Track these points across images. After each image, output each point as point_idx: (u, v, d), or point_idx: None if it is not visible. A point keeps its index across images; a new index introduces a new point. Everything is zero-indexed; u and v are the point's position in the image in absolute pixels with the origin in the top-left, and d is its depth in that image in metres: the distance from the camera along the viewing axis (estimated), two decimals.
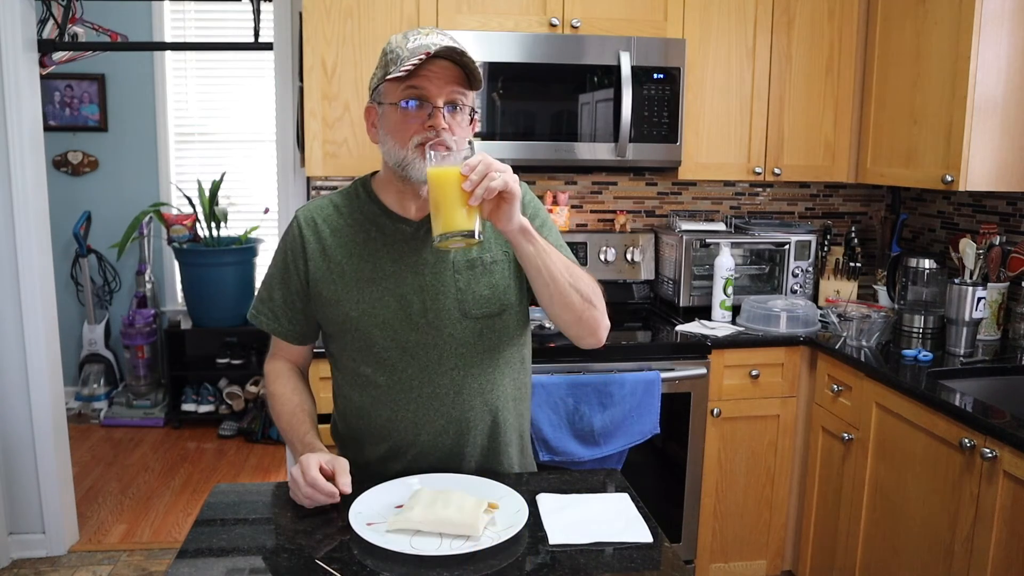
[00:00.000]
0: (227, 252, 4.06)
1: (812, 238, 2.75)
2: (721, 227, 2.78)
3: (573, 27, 2.49)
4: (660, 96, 2.51)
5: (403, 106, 1.27)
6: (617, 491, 1.35)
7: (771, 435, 2.51)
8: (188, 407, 4.21)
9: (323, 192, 2.66)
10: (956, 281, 2.31)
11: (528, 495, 1.28)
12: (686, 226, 2.74)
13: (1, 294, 2.72)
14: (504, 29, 2.46)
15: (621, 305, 2.89)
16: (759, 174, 2.69)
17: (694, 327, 2.55)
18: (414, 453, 1.39)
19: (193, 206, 4.10)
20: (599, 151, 2.50)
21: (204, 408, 4.20)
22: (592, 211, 2.99)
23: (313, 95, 2.42)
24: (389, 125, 1.30)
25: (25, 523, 2.84)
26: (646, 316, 2.79)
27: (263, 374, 1.54)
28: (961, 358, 2.24)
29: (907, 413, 2.01)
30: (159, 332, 4.31)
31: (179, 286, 4.41)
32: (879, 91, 2.60)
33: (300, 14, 2.47)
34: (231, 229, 4.22)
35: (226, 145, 4.47)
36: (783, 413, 2.50)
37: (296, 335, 1.47)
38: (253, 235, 4.27)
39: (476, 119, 1.35)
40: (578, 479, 1.42)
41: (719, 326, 2.56)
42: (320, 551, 1.13)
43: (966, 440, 1.78)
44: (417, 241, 1.37)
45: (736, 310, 2.62)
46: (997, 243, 2.41)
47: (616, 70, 2.45)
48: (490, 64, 2.39)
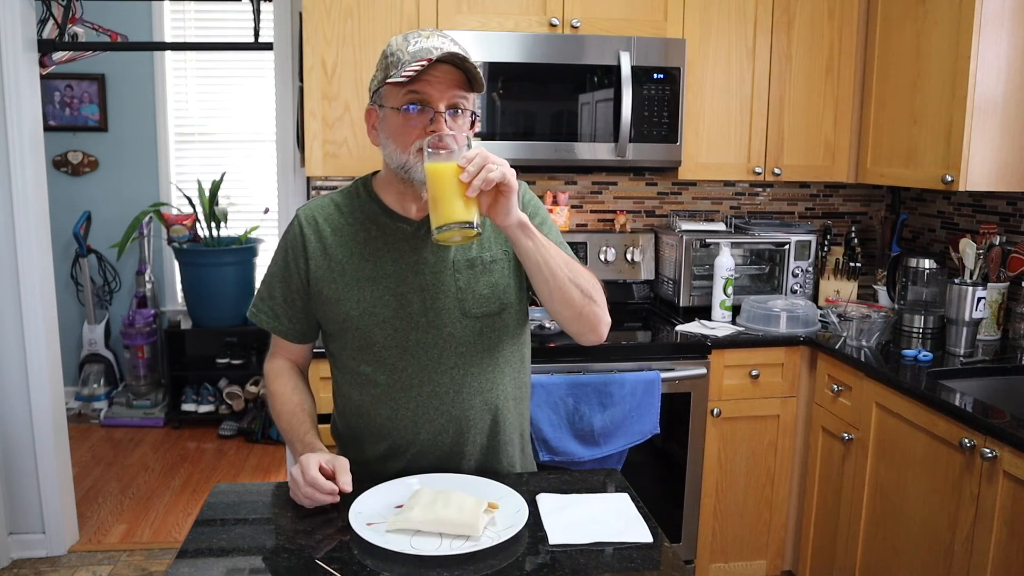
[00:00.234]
0: (227, 252, 4.06)
1: (812, 238, 2.75)
2: (721, 227, 2.78)
3: (573, 27, 2.49)
4: (660, 96, 2.51)
5: (405, 110, 1.27)
6: (617, 491, 1.35)
7: (771, 435, 2.51)
8: (188, 407, 4.21)
9: (323, 192, 2.66)
10: (956, 281, 2.31)
11: (528, 495, 1.28)
12: (686, 226, 2.74)
13: (1, 294, 2.72)
14: (504, 29, 2.46)
15: (621, 305, 2.89)
16: (759, 174, 2.69)
17: (694, 327, 2.55)
18: (414, 452, 1.39)
19: (193, 206, 4.10)
20: (599, 151, 2.50)
21: (204, 408, 4.20)
22: (592, 211, 2.99)
23: (313, 95, 2.42)
24: (390, 129, 1.30)
25: (25, 523, 2.84)
26: (646, 316, 2.79)
27: (263, 374, 1.54)
28: (961, 358, 2.24)
29: (907, 413, 2.01)
30: (159, 332, 4.31)
31: (179, 286, 4.41)
32: (879, 91, 2.61)
33: (300, 14, 2.48)
34: (231, 229, 4.22)
35: (226, 145, 4.47)
36: (783, 413, 2.50)
37: (296, 334, 1.47)
38: (253, 235, 4.27)
39: (476, 121, 1.35)
40: (578, 479, 1.42)
41: (719, 326, 2.56)
42: (320, 551, 1.13)
43: (966, 440, 1.78)
44: (417, 240, 1.37)
45: (736, 310, 2.62)
46: (997, 243, 2.41)
47: (616, 70, 2.45)
48: (490, 64, 2.39)
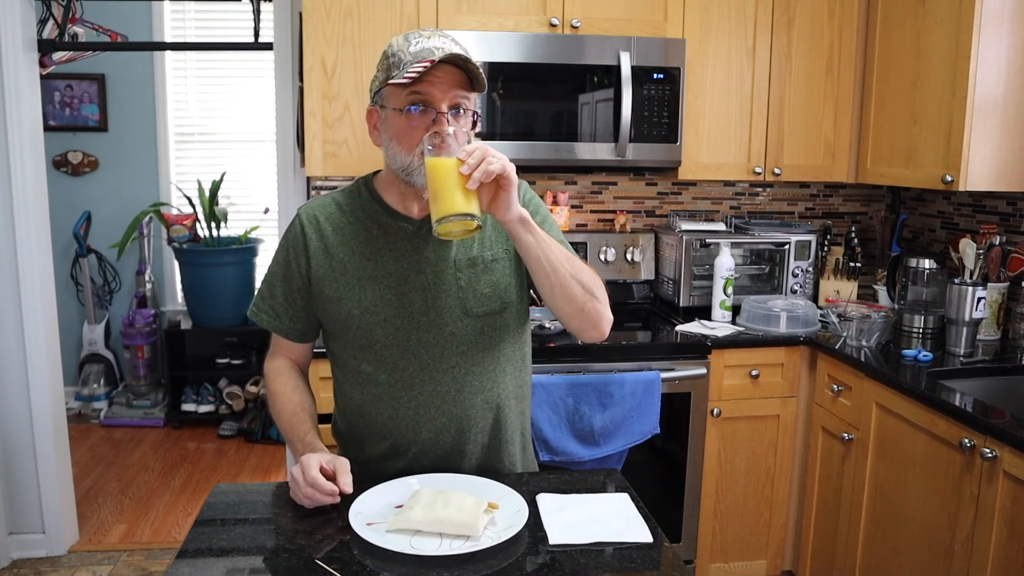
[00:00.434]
0: (227, 252, 4.06)
1: (812, 238, 2.75)
2: (721, 227, 2.78)
3: (573, 27, 2.49)
4: (660, 96, 2.51)
5: (407, 111, 1.27)
6: (617, 491, 1.35)
7: (771, 435, 2.51)
8: (188, 407, 4.21)
9: (324, 192, 2.66)
10: (956, 281, 2.31)
11: (528, 495, 1.28)
12: (686, 226, 2.74)
13: (1, 294, 2.72)
14: (504, 29, 2.46)
15: (621, 305, 2.89)
16: (759, 174, 2.69)
17: (694, 327, 2.55)
18: (415, 451, 1.39)
19: (193, 206, 4.10)
20: (599, 151, 2.50)
21: (204, 408, 4.20)
22: (592, 211, 2.99)
23: (313, 95, 2.42)
24: (393, 130, 1.30)
25: (25, 523, 2.84)
26: (646, 316, 2.79)
27: (263, 373, 1.54)
28: (961, 358, 2.24)
29: (907, 413, 2.01)
30: (159, 332, 4.31)
31: (179, 286, 4.41)
32: (879, 91, 2.61)
33: (300, 14, 2.48)
34: (231, 229, 4.22)
35: (226, 145, 4.47)
36: (783, 413, 2.50)
37: (297, 332, 1.47)
38: (253, 235, 4.27)
39: (478, 121, 1.35)
40: (578, 479, 1.42)
41: (719, 326, 2.56)
42: (320, 551, 1.13)
43: (966, 440, 1.78)
44: (419, 239, 1.37)
45: (736, 310, 2.62)
46: (997, 243, 2.41)
47: (616, 70, 2.45)
48: (490, 64, 2.39)
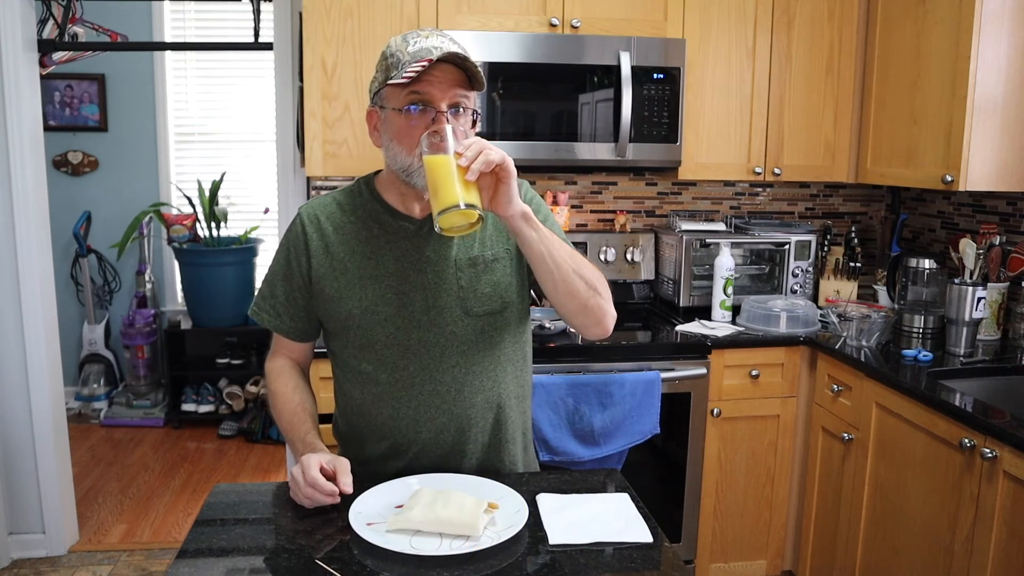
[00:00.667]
0: (227, 252, 4.06)
1: (812, 238, 2.75)
2: (721, 227, 2.78)
3: (573, 27, 2.49)
4: (660, 96, 2.51)
5: (407, 111, 1.27)
6: (617, 491, 1.35)
7: (771, 435, 2.51)
8: (188, 407, 4.21)
9: (324, 192, 2.66)
10: (956, 281, 2.31)
11: (528, 495, 1.28)
12: (686, 226, 2.74)
13: (1, 294, 2.72)
14: (504, 29, 2.46)
15: (621, 305, 2.86)
16: (759, 174, 2.69)
17: (694, 327, 2.55)
18: (415, 451, 1.39)
19: (193, 206, 4.10)
20: (599, 151, 2.50)
21: (204, 408, 4.20)
22: (592, 211, 2.99)
23: (313, 95, 2.42)
24: (393, 130, 1.30)
25: (25, 523, 2.84)
26: (646, 316, 2.79)
27: (263, 373, 1.54)
28: (961, 358, 2.24)
29: (907, 413, 2.01)
30: (159, 332, 4.31)
31: (179, 286, 4.41)
32: (879, 91, 2.60)
33: (300, 14, 2.48)
34: (231, 229, 4.22)
35: (226, 145, 4.47)
36: (783, 413, 2.50)
37: (298, 332, 1.47)
38: (253, 235, 4.27)
39: (478, 120, 1.34)
40: (578, 479, 1.42)
41: (719, 326, 2.56)
42: (320, 551, 1.13)
43: (966, 440, 1.78)
44: (419, 239, 1.37)
45: (736, 310, 2.62)
46: (997, 243, 2.41)
47: (616, 70, 2.45)
48: (490, 64, 2.39)
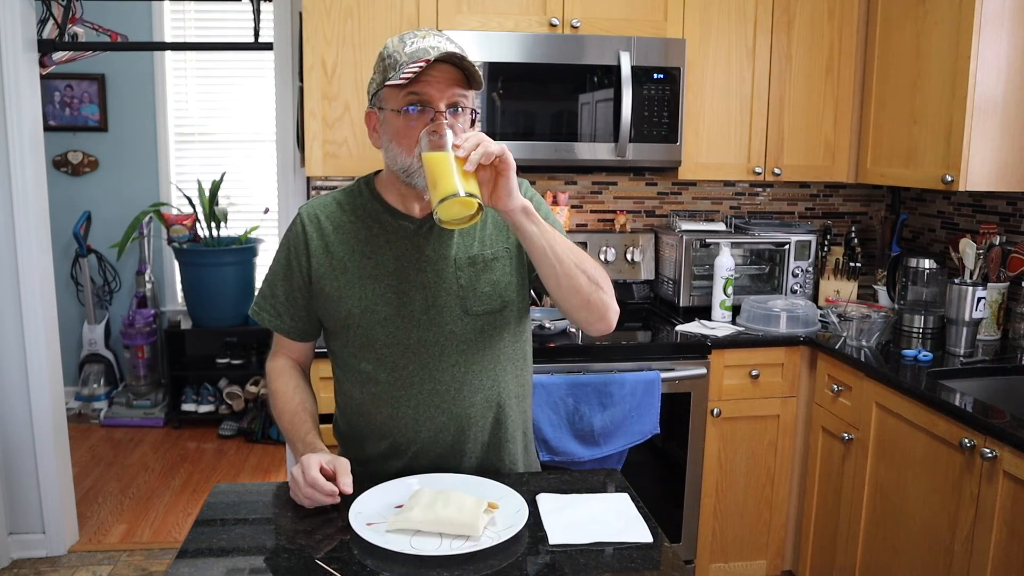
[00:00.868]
0: (227, 252, 4.06)
1: (812, 238, 2.75)
2: (721, 227, 2.78)
3: (573, 27, 2.49)
4: (660, 96, 2.51)
5: (405, 112, 1.27)
6: (617, 491, 1.35)
7: (771, 435, 2.51)
8: (188, 407, 4.21)
9: (324, 192, 2.66)
10: (956, 281, 2.31)
11: (528, 495, 1.28)
12: (686, 226, 2.74)
13: (1, 294, 2.72)
14: (504, 29, 2.46)
15: (621, 305, 2.85)
16: (759, 174, 2.69)
17: (694, 327, 2.55)
18: (415, 450, 1.39)
19: (193, 206, 4.10)
20: (599, 151, 2.50)
21: (204, 408, 4.20)
22: (592, 211, 2.99)
23: (313, 95, 2.42)
24: (392, 131, 1.30)
25: (25, 523, 2.84)
26: (646, 316, 2.79)
27: (264, 373, 1.54)
28: (961, 358, 2.24)
29: (907, 413, 2.01)
30: (159, 332, 4.31)
31: (179, 286, 4.41)
32: (879, 91, 2.60)
33: (300, 14, 2.48)
34: (231, 229, 4.22)
35: (226, 145, 4.47)
36: (783, 413, 2.50)
37: (298, 332, 1.47)
38: (253, 235, 4.27)
39: (477, 119, 1.34)
40: (578, 479, 1.42)
41: (719, 326, 2.56)
42: (320, 551, 1.13)
43: (966, 440, 1.78)
44: (419, 238, 1.37)
45: (736, 310, 2.62)
46: (997, 243, 2.41)
47: (616, 70, 2.45)
48: (490, 64, 2.39)
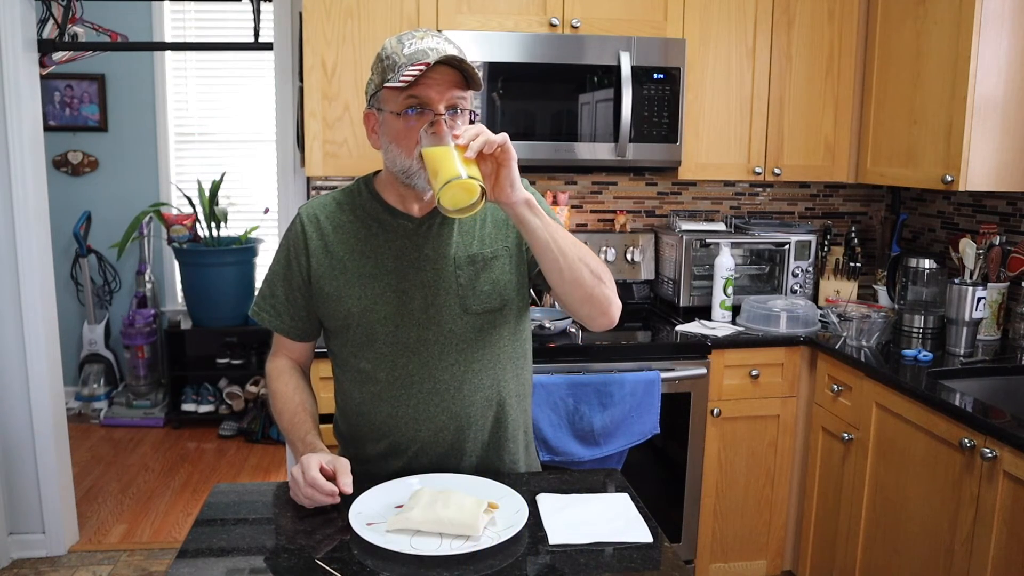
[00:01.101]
0: (227, 252, 4.06)
1: (812, 238, 2.75)
2: (721, 227, 2.78)
3: (573, 27, 2.49)
4: (660, 96, 2.51)
5: (405, 114, 1.27)
6: (617, 491, 1.35)
7: (771, 435, 2.51)
8: (188, 407, 4.21)
9: (324, 192, 2.65)
10: (956, 281, 2.31)
11: (528, 495, 1.28)
12: (686, 226, 2.74)
13: (1, 294, 2.72)
14: (504, 29, 2.46)
15: (621, 305, 2.88)
16: (759, 174, 2.69)
17: (694, 327, 2.55)
18: (415, 449, 1.39)
19: (193, 206, 4.10)
20: (599, 151, 2.50)
21: (204, 408, 4.20)
22: (592, 211, 2.99)
23: (313, 95, 2.42)
24: (392, 133, 1.30)
25: (25, 523, 2.84)
26: (646, 316, 2.79)
27: (264, 373, 1.54)
28: (961, 358, 2.24)
29: (907, 413, 2.01)
30: (159, 332, 4.31)
31: (179, 286, 4.42)
32: (879, 91, 2.60)
33: (300, 14, 2.48)
34: (231, 229, 4.22)
35: (226, 145, 4.47)
36: (783, 413, 2.50)
37: (298, 332, 1.47)
38: (253, 235, 4.27)
39: (476, 119, 1.34)
40: (578, 479, 1.42)
41: (719, 326, 2.56)
42: (320, 551, 1.13)
43: (966, 440, 1.78)
44: (419, 237, 1.37)
45: (736, 310, 2.62)
46: (997, 243, 2.41)
47: (616, 70, 2.45)
48: (490, 64, 2.39)
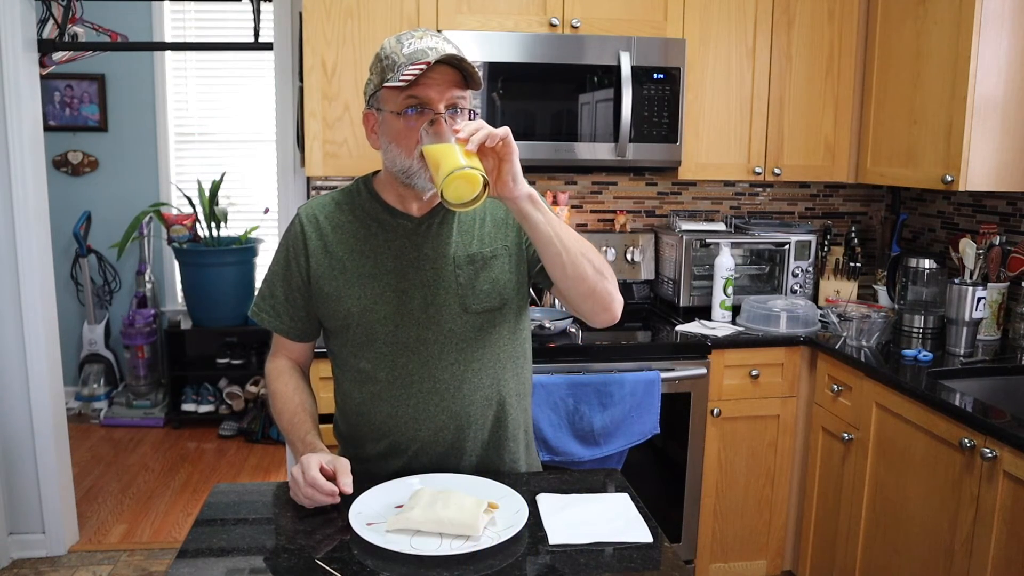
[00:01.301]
0: (227, 252, 4.06)
1: (812, 238, 2.75)
2: (721, 227, 2.78)
3: (573, 27, 2.49)
4: (660, 96, 2.51)
5: (405, 114, 1.27)
6: (617, 491, 1.35)
7: (771, 435, 2.51)
8: (188, 407, 4.21)
9: (323, 192, 2.65)
10: (956, 281, 2.31)
11: (528, 495, 1.28)
12: (686, 226, 2.74)
13: (1, 294, 2.72)
14: (504, 29, 2.46)
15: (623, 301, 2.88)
16: (759, 174, 2.69)
17: (694, 327, 2.55)
18: (415, 449, 1.39)
19: (193, 206, 4.10)
20: (599, 151, 2.50)
21: (204, 408, 4.20)
22: (592, 211, 2.99)
23: (313, 95, 2.42)
24: (391, 133, 1.30)
25: (25, 523, 2.84)
26: (646, 316, 2.79)
27: (263, 373, 1.54)
28: (961, 358, 2.24)
29: (907, 413, 2.01)
30: (159, 332, 4.31)
31: (179, 286, 4.41)
32: (879, 91, 2.60)
33: (300, 14, 2.48)
34: (231, 229, 4.22)
35: (226, 145, 4.47)
36: (783, 413, 2.50)
37: (297, 332, 1.47)
38: (253, 235, 4.27)
39: (476, 118, 1.34)
40: (578, 479, 1.42)
41: (719, 326, 2.56)
42: (320, 551, 1.13)
43: (966, 440, 1.78)
44: (418, 237, 1.37)
45: (736, 310, 2.62)
46: (997, 243, 2.41)
47: (616, 70, 2.45)
48: (490, 64, 2.39)
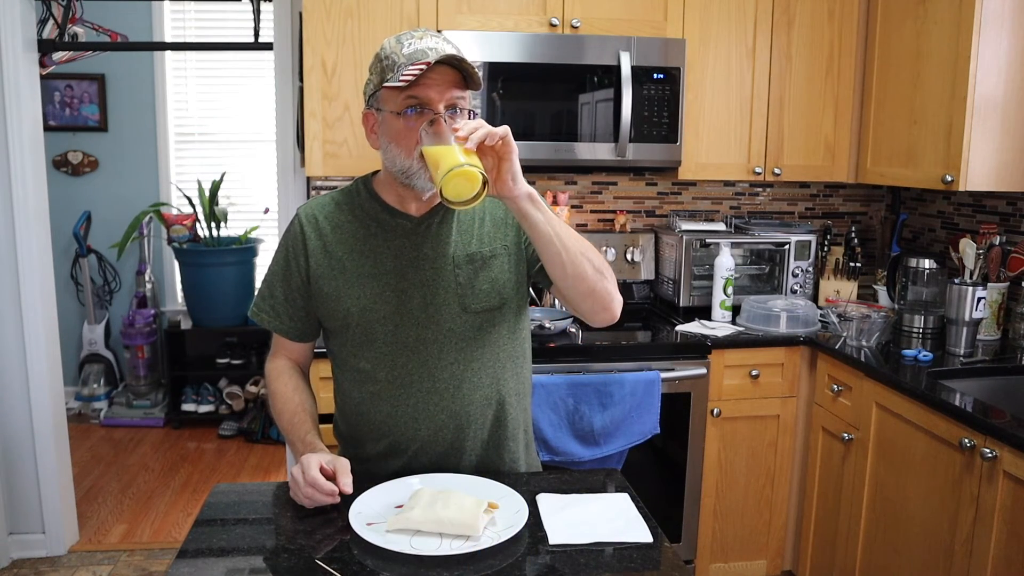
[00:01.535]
0: (227, 252, 4.06)
1: (812, 238, 2.75)
2: (721, 227, 2.78)
3: (573, 27, 2.49)
4: (660, 96, 2.51)
5: (405, 114, 1.27)
6: (617, 491, 1.35)
7: (771, 435, 2.51)
8: (188, 407, 4.21)
9: (323, 192, 2.65)
10: (956, 281, 2.31)
11: (528, 495, 1.28)
12: (686, 226, 2.74)
13: (1, 294, 2.72)
14: (504, 29, 2.46)
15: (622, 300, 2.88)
16: (759, 174, 2.69)
17: (694, 327, 2.55)
18: (414, 449, 1.39)
19: (193, 206, 4.10)
20: (599, 151, 2.50)
21: (204, 408, 4.20)
22: (592, 211, 2.99)
23: (313, 95, 2.42)
24: (391, 133, 1.30)
25: (25, 523, 2.84)
26: (646, 316, 2.79)
27: (263, 373, 1.54)
28: (961, 358, 2.24)
29: (907, 413, 2.01)
30: (159, 332, 4.31)
31: (179, 286, 4.41)
32: (879, 91, 2.60)
33: (300, 14, 2.48)
34: (231, 229, 4.22)
35: (226, 145, 4.48)
36: (783, 413, 2.50)
37: (297, 332, 1.47)
38: (253, 235, 4.27)
39: (475, 118, 1.34)
40: (578, 479, 1.42)
41: (719, 326, 2.56)
42: (320, 551, 1.13)
43: (966, 440, 1.78)
44: (417, 236, 1.37)
45: (736, 310, 2.62)
46: (997, 243, 2.41)
47: (616, 70, 2.45)
48: (490, 64, 2.39)
